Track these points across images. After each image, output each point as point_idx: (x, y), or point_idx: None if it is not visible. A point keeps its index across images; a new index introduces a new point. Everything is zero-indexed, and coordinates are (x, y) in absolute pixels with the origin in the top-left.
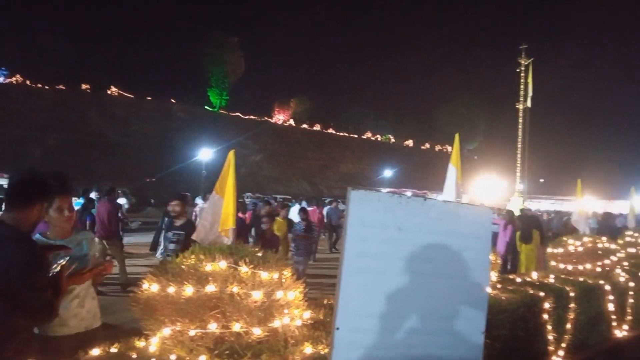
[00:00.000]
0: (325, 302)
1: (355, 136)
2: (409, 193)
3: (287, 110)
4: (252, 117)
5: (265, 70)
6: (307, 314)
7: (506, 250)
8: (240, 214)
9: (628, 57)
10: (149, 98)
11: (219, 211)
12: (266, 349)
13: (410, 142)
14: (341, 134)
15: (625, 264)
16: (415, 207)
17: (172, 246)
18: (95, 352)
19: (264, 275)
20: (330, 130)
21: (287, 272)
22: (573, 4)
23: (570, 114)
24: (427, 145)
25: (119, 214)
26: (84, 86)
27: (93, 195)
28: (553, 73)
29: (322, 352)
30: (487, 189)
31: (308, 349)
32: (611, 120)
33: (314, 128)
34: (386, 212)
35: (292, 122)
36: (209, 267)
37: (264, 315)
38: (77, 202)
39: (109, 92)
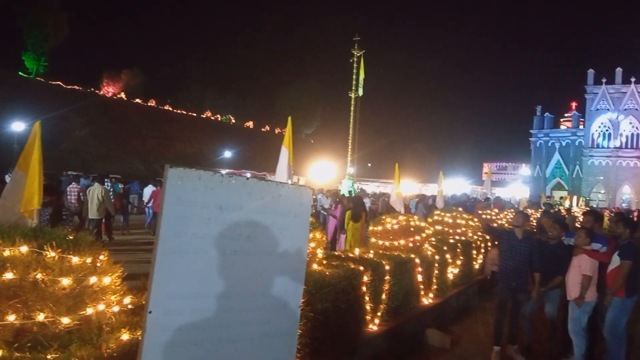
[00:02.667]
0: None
1: (194, 115)
2: (248, 174)
3: (117, 82)
4: (76, 87)
5: (93, 37)
6: (127, 299)
7: (336, 229)
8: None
9: (448, 59)
10: None
11: (21, 189)
12: (77, 339)
13: (251, 124)
14: (179, 111)
15: (433, 239)
16: (237, 187)
17: None
18: None
19: (75, 260)
20: (167, 107)
21: (103, 256)
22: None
23: (396, 104)
24: (268, 128)
25: None
26: None
27: None
28: (384, 65)
29: (140, 338)
30: (322, 171)
31: (124, 336)
32: (429, 111)
33: (149, 104)
34: (207, 191)
35: (123, 95)
36: (7, 252)
37: (74, 303)
38: None
39: None
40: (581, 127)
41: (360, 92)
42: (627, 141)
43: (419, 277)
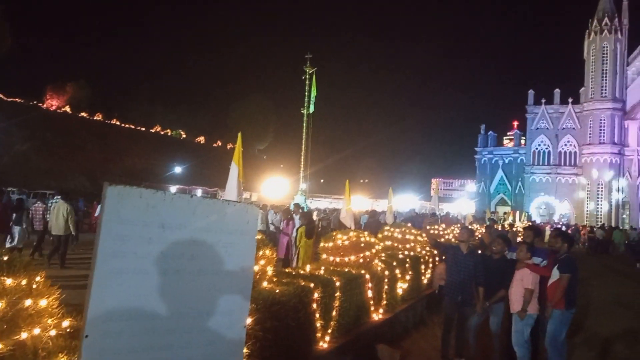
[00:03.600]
0: None
1: (143, 129)
2: (199, 191)
3: (62, 95)
4: (18, 100)
5: (37, 48)
6: (66, 323)
7: (288, 245)
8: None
9: (397, 78)
10: None
11: None
12: None
13: (202, 139)
14: (127, 125)
15: (383, 255)
16: (181, 205)
17: None
18: None
19: (9, 281)
20: (114, 122)
21: (40, 277)
22: (356, 20)
23: (348, 120)
24: (220, 143)
25: None
26: None
27: None
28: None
29: None
30: (274, 187)
31: None
32: (380, 128)
33: (95, 118)
34: (148, 209)
35: (67, 109)
36: None
37: (8, 327)
38: None
39: None
40: (523, 145)
41: (312, 108)
42: (565, 158)
43: (369, 293)
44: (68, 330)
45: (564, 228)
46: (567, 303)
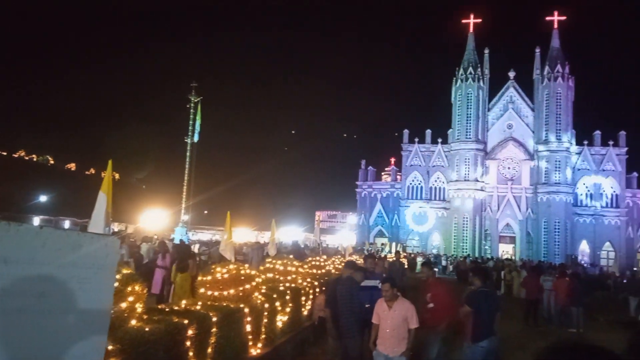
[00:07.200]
0: None
1: (4, 153)
2: (67, 222)
3: None
4: None
5: None
6: None
7: (163, 280)
8: None
9: (282, 113)
10: None
11: None
12: None
13: (73, 166)
14: None
15: (263, 288)
16: (28, 237)
17: None
18: None
19: None
20: None
21: None
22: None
23: (234, 151)
24: (93, 171)
25: None
26: None
27: None
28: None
29: None
30: (154, 218)
31: None
32: (265, 160)
33: None
34: None
35: None
36: None
37: None
38: None
39: None
40: (399, 180)
41: (196, 137)
42: (435, 193)
43: (248, 327)
44: None
45: (432, 258)
46: (473, 336)
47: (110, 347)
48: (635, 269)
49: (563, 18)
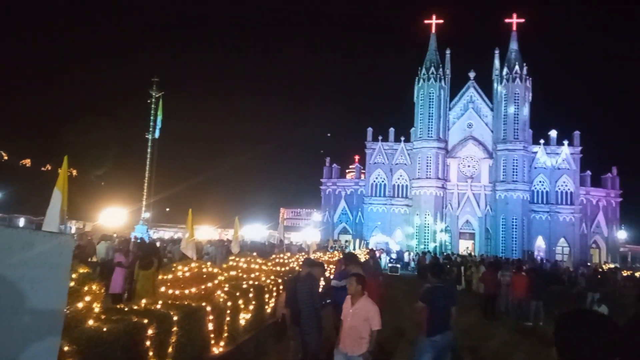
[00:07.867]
0: None
1: None
2: (22, 220)
3: None
4: None
5: None
6: None
7: (129, 280)
8: None
9: (248, 109)
10: None
11: None
12: None
13: (28, 162)
14: None
15: (226, 286)
16: None
17: None
18: None
19: None
20: None
21: None
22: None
23: (196, 148)
24: (49, 167)
25: None
26: None
27: None
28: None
29: None
30: (113, 216)
31: None
32: (229, 157)
33: None
34: None
35: None
36: None
37: None
38: None
39: None
40: (363, 177)
41: (157, 133)
42: (398, 191)
43: (210, 326)
44: None
45: (394, 255)
46: (427, 331)
47: (66, 348)
48: (589, 264)
49: (522, 20)
